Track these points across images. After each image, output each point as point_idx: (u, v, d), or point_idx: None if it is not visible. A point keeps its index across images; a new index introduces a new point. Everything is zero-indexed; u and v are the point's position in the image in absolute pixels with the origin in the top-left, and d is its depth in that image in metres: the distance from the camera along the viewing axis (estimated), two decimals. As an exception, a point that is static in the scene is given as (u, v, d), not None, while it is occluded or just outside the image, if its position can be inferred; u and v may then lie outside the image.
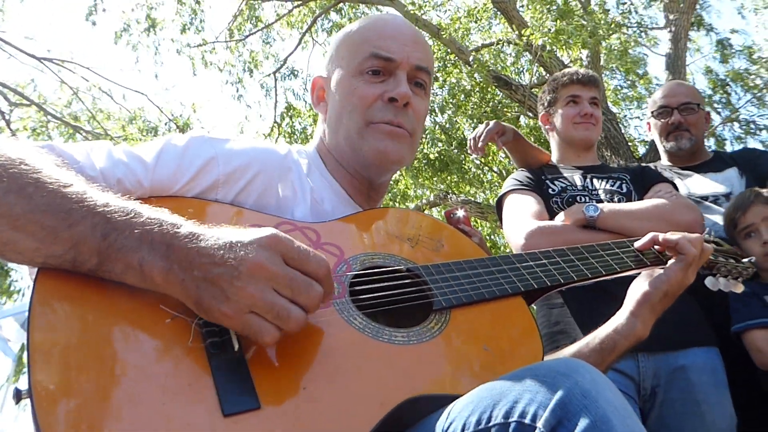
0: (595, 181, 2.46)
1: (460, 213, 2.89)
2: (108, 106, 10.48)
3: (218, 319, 0.89)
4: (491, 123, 2.72)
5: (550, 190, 2.48)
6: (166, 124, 10.53)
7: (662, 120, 2.83)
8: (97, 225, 0.91)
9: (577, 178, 2.50)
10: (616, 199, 2.37)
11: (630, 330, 1.35)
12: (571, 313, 2.26)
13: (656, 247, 1.46)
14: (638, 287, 1.40)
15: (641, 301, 1.37)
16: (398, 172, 9.40)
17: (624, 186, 2.43)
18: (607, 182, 2.45)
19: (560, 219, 2.26)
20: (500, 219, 2.53)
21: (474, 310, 1.17)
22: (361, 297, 1.10)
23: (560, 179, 2.52)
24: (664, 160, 2.90)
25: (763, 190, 2.27)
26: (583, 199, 2.38)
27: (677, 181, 2.58)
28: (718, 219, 2.42)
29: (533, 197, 2.43)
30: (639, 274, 1.45)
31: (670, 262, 1.42)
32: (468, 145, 2.77)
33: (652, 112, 2.90)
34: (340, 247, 1.19)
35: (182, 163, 1.18)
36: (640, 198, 2.37)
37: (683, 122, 2.77)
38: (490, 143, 2.71)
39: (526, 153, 2.72)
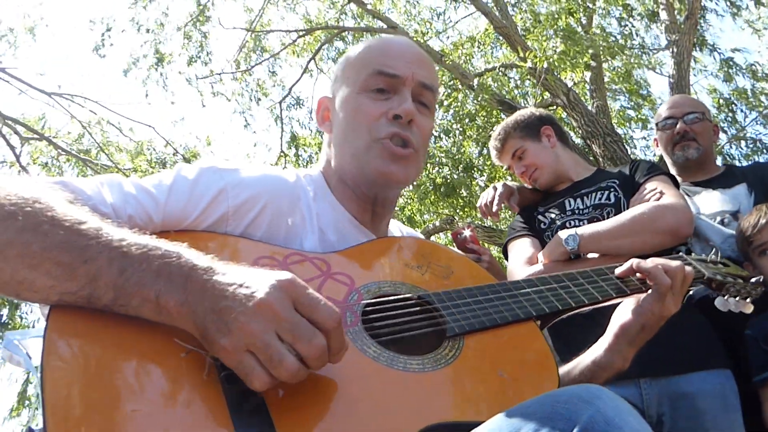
0: (584, 199, 2.44)
1: (467, 233, 2.88)
2: (117, 139, 10.62)
3: (217, 353, 0.88)
4: (500, 187, 2.70)
5: (541, 225, 2.49)
6: (174, 154, 10.63)
7: (668, 131, 2.77)
8: (113, 260, 0.92)
9: (566, 202, 2.48)
10: (605, 213, 2.32)
11: (608, 363, 1.33)
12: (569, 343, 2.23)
13: (638, 274, 1.40)
14: (617, 319, 1.37)
15: (619, 334, 1.34)
16: (404, 197, 9.42)
17: (612, 195, 2.37)
18: (595, 196, 2.41)
19: (541, 258, 2.26)
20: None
21: (487, 335, 1.17)
22: (375, 325, 1.10)
23: (550, 209, 2.52)
24: (674, 173, 2.87)
25: None
26: (572, 224, 2.35)
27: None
28: (723, 239, 2.39)
29: (527, 241, 2.45)
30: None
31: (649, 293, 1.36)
32: (480, 210, 2.77)
33: (657, 125, 2.86)
34: (350, 277, 1.20)
35: (192, 197, 1.19)
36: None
37: (689, 131, 2.72)
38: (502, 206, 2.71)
39: (531, 199, 2.71)
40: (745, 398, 2.07)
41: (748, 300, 1.60)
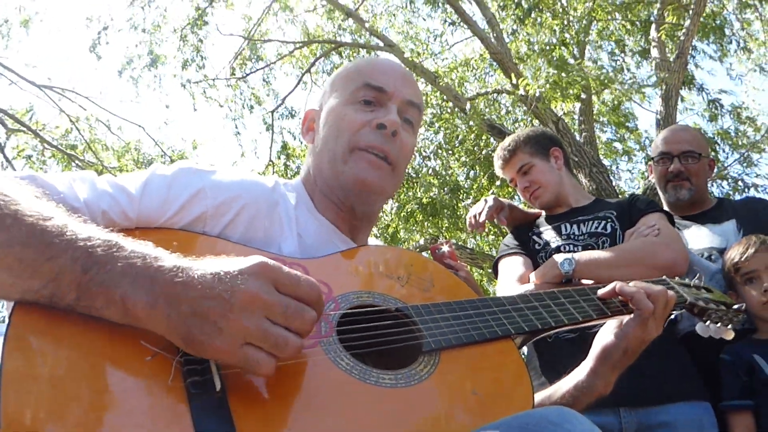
0: (581, 226, 2.44)
1: (446, 248, 2.88)
2: (105, 137, 10.53)
3: (212, 355, 0.86)
4: (490, 200, 2.70)
5: (536, 246, 2.50)
6: (161, 157, 10.55)
7: (662, 167, 2.73)
8: (77, 259, 0.88)
9: (562, 226, 2.49)
10: (600, 242, 2.33)
11: (589, 387, 1.33)
12: (551, 365, 2.22)
13: (620, 297, 1.39)
14: (599, 342, 1.37)
15: (601, 357, 1.34)
16: (389, 214, 9.43)
17: (609, 226, 2.38)
18: (592, 224, 2.42)
19: (533, 278, 2.26)
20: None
21: (464, 352, 1.14)
22: (349, 336, 1.07)
23: (546, 232, 2.52)
24: (665, 208, 2.87)
25: None
26: (567, 249, 2.36)
27: None
28: (711, 275, 2.39)
29: (520, 259, 2.45)
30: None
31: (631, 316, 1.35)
32: (468, 222, 2.76)
33: (653, 158, 2.81)
34: (328, 285, 1.17)
35: (169, 195, 1.16)
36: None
37: (683, 171, 2.67)
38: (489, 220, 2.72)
39: (521, 220, 2.72)
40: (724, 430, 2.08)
41: (729, 327, 1.60)
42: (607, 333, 1.37)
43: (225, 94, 10.88)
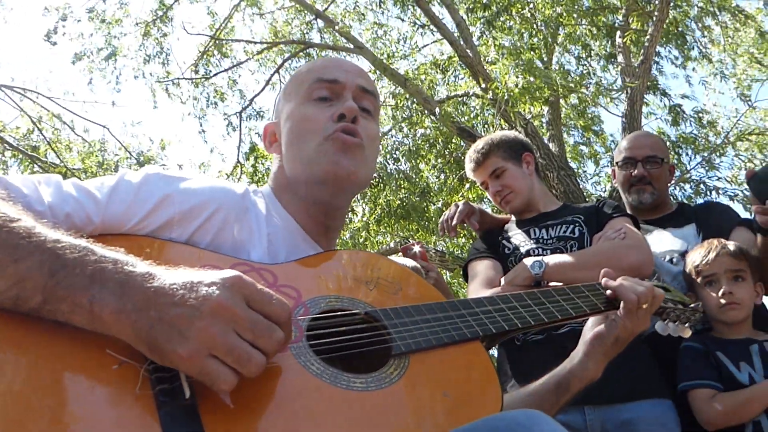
0: (549, 230, 2.49)
1: (417, 248, 2.91)
2: (69, 137, 10.29)
3: (173, 363, 0.85)
4: (461, 205, 2.74)
5: (506, 250, 2.53)
6: (127, 158, 10.37)
7: (626, 171, 2.80)
8: (45, 262, 0.87)
9: (531, 230, 2.54)
10: (568, 246, 2.39)
11: (583, 371, 1.39)
12: (521, 368, 2.26)
13: (608, 291, 1.48)
14: (592, 330, 1.44)
15: (594, 343, 1.41)
16: (358, 219, 9.42)
17: (577, 230, 2.44)
18: (560, 229, 2.47)
19: (504, 282, 2.30)
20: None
21: (433, 355, 1.16)
22: (319, 341, 1.08)
23: (515, 236, 2.56)
24: (627, 211, 2.94)
25: (730, 243, 2.32)
26: (535, 253, 2.40)
27: None
28: (672, 276, 2.46)
29: (489, 263, 2.48)
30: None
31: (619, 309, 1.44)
32: (440, 227, 2.80)
33: (617, 162, 2.89)
34: (297, 290, 1.17)
35: (136, 200, 1.15)
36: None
37: (646, 176, 2.75)
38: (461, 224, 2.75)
39: (491, 224, 2.76)
40: (687, 428, 2.14)
41: (687, 325, 1.65)
42: (597, 323, 1.45)
43: (189, 91, 10.75)
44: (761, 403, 2.02)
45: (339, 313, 1.16)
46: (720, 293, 2.22)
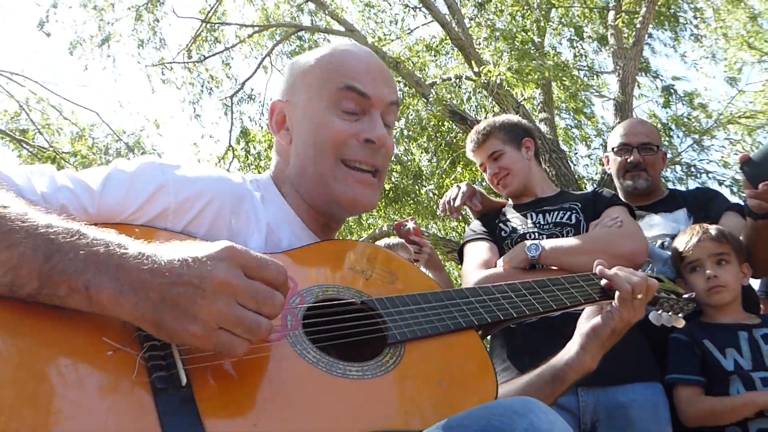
0: (546, 215, 2.51)
1: (410, 225, 2.93)
2: (58, 122, 10.18)
3: (187, 341, 0.88)
4: (464, 186, 2.76)
5: (502, 233, 2.55)
6: (117, 141, 10.29)
7: (621, 157, 2.83)
8: (39, 246, 0.87)
9: (528, 215, 2.56)
10: (564, 232, 2.41)
11: (579, 363, 1.40)
12: (514, 350, 2.29)
13: (603, 281, 1.49)
14: (587, 322, 1.45)
15: (591, 335, 1.42)
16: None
17: (573, 216, 2.46)
18: (557, 215, 2.50)
19: (501, 263, 2.33)
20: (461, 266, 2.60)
21: (428, 343, 1.17)
22: (315, 330, 1.08)
23: (513, 219, 2.58)
24: (620, 197, 2.95)
25: (712, 227, 2.34)
26: (532, 237, 2.43)
27: None
28: (663, 261, 2.48)
29: (485, 245, 2.50)
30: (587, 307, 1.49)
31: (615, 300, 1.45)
32: (441, 208, 2.82)
33: (612, 148, 2.91)
34: (293, 279, 1.17)
35: (131, 190, 1.14)
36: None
37: (641, 162, 2.79)
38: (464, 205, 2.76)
39: (488, 208, 2.78)
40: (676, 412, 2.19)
41: (680, 315, 1.67)
42: (592, 315, 1.46)
43: (182, 76, 10.65)
44: (738, 414, 2.06)
45: (335, 302, 1.17)
46: (706, 278, 2.25)
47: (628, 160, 2.81)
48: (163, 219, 1.15)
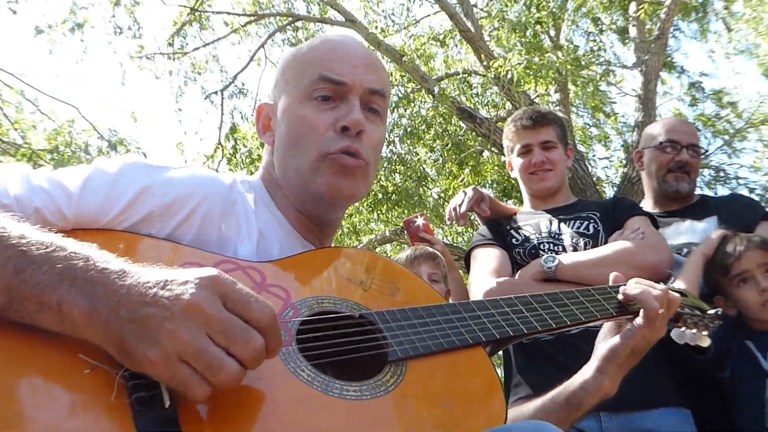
0: (561, 225, 2.52)
1: (420, 221, 2.93)
2: (33, 117, 10.21)
3: (144, 367, 0.84)
4: (470, 190, 2.78)
5: (513, 241, 2.56)
6: (99, 138, 10.31)
7: (667, 155, 2.79)
8: (9, 258, 0.87)
9: (543, 223, 2.56)
10: (582, 242, 2.41)
11: (596, 387, 1.38)
12: (527, 366, 2.29)
13: (620, 297, 1.48)
14: (605, 342, 1.44)
15: (608, 357, 1.40)
16: (354, 206, 9.43)
17: (591, 226, 2.47)
18: (574, 224, 2.51)
19: (521, 274, 2.35)
20: (468, 274, 2.61)
21: (432, 361, 1.16)
22: (310, 345, 1.08)
23: (525, 227, 2.59)
24: (647, 202, 2.92)
25: (754, 235, 2.32)
26: (546, 247, 2.43)
27: None
28: None
29: (496, 251, 2.51)
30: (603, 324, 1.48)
31: (638, 317, 1.44)
32: (447, 215, 2.83)
33: (660, 143, 2.84)
34: (286, 290, 1.17)
35: (113, 192, 1.14)
36: (609, 236, 2.42)
37: (688, 164, 2.76)
38: (470, 211, 2.78)
39: (498, 214, 2.80)
40: None
41: (705, 333, 1.65)
42: (610, 333, 1.45)
43: (165, 67, 10.66)
44: None
45: (331, 315, 1.16)
46: (760, 290, 2.20)
47: (676, 159, 2.77)
48: (147, 223, 1.15)
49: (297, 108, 1.35)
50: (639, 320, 1.41)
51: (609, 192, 9.86)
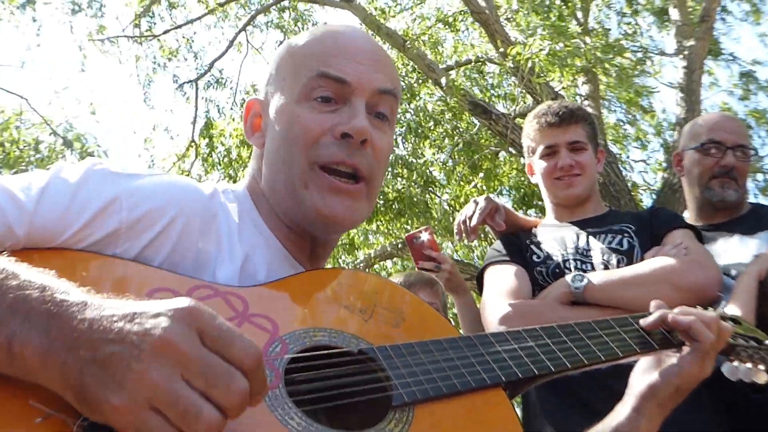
0: (591, 239, 2.52)
1: (425, 236, 2.91)
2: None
3: (106, 416, 0.82)
4: (482, 200, 2.76)
5: (534, 258, 2.56)
6: (50, 134, 10.34)
7: (711, 158, 2.75)
8: None
9: (569, 237, 2.57)
10: (614, 259, 2.41)
11: (633, 430, 1.37)
12: (547, 407, 2.28)
13: (664, 325, 1.47)
14: (643, 377, 1.43)
15: (647, 395, 1.39)
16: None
17: (625, 241, 2.47)
18: (605, 238, 2.50)
19: (543, 296, 2.35)
20: (481, 295, 2.59)
21: (444, 406, 1.16)
22: (300, 388, 1.08)
23: (548, 242, 2.59)
24: (690, 213, 2.89)
25: None
26: (573, 265, 2.43)
27: None
28: None
29: (513, 269, 2.50)
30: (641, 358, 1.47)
31: (684, 348, 1.44)
32: (456, 229, 2.82)
33: (701, 144, 2.80)
34: (273, 321, 1.17)
35: (73, 205, 1.13)
36: (645, 253, 2.41)
37: (735, 169, 2.72)
38: (482, 224, 2.77)
39: (515, 227, 2.79)
40: None
41: (762, 368, 1.64)
42: (648, 369, 1.43)
43: (131, 51, 10.72)
44: None
45: (325, 351, 1.16)
46: None
47: (721, 163, 2.73)
48: (113, 241, 1.15)
49: (292, 108, 1.34)
50: (686, 353, 1.41)
51: (646, 201, 9.89)
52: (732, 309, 2.16)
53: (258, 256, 1.31)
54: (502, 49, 7.12)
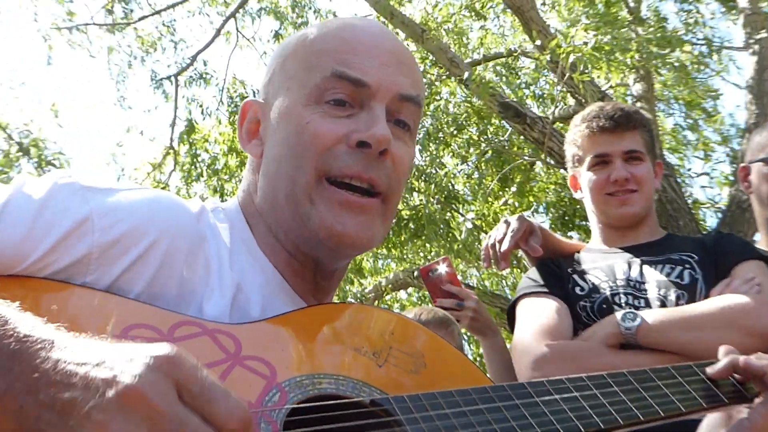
0: (645, 269, 2.51)
1: (443, 268, 2.89)
2: None
3: None
4: (514, 221, 2.75)
5: (577, 290, 2.56)
6: (5, 138, 10.44)
7: None
8: None
9: (619, 267, 2.56)
10: (673, 295, 2.41)
11: None
12: None
13: (736, 375, 1.48)
14: None
15: None
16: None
17: (687, 274, 2.47)
18: (663, 269, 2.50)
19: (586, 337, 2.34)
20: (512, 333, 2.58)
21: None
22: (302, 445, 1.08)
23: (594, 271, 2.58)
24: (762, 237, 2.87)
25: None
26: (623, 300, 2.43)
27: None
28: None
29: (551, 303, 2.50)
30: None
31: (757, 400, 1.44)
32: (484, 255, 2.81)
33: (763, 158, 2.77)
34: (270, 364, 1.17)
35: (37, 226, 1.14)
36: (711, 288, 2.40)
37: None
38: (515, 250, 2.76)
39: (553, 252, 2.78)
40: None
41: None
42: (718, 426, 1.46)
43: (103, 42, 10.83)
44: None
45: (331, 401, 1.16)
46: None
47: None
48: (83, 268, 1.16)
49: (300, 111, 1.35)
50: (760, 404, 1.41)
51: (710, 221, 9.86)
52: None
53: (251, 286, 1.32)
54: (538, 41, 7.14)
